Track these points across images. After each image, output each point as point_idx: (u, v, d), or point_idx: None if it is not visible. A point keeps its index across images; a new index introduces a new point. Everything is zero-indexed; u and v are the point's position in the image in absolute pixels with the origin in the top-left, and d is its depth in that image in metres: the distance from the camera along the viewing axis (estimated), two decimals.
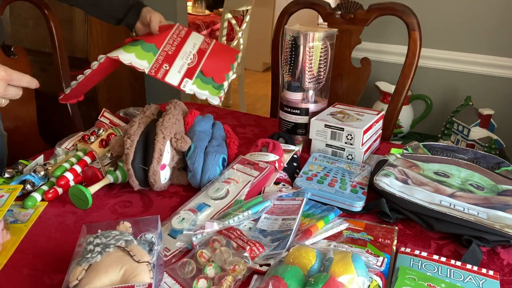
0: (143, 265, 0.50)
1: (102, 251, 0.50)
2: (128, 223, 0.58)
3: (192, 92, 0.85)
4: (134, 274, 0.48)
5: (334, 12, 1.26)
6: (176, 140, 0.75)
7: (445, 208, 0.67)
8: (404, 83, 1.20)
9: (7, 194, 0.67)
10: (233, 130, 0.90)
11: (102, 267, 0.49)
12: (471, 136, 1.53)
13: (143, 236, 0.56)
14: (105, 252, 0.50)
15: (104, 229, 0.54)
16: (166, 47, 0.88)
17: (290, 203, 0.69)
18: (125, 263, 0.50)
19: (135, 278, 0.48)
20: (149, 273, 0.49)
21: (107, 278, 0.48)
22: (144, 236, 0.56)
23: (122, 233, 0.54)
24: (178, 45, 0.91)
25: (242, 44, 3.17)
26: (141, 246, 0.53)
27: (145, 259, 0.51)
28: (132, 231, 0.57)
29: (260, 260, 0.56)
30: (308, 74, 0.95)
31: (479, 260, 0.60)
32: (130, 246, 0.52)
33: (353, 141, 0.87)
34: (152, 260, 0.51)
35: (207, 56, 0.93)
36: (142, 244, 0.54)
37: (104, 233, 0.53)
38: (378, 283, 0.53)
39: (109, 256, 0.50)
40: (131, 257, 0.50)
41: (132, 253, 0.51)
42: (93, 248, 0.50)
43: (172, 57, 0.87)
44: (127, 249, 0.51)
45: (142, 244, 0.54)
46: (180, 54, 0.89)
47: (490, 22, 1.65)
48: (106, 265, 0.49)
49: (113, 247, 0.51)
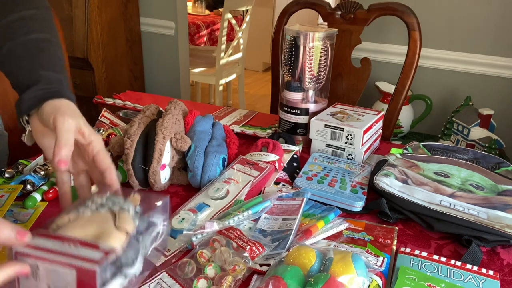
0: (121, 233, 0.47)
1: (95, 210, 0.48)
2: (138, 196, 0.54)
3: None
4: (107, 238, 0.46)
5: (334, 12, 1.26)
6: (176, 140, 0.75)
7: (445, 208, 0.67)
8: (404, 83, 1.20)
9: (7, 194, 0.67)
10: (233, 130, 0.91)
11: (82, 222, 0.47)
12: (471, 136, 1.53)
13: (150, 215, 0.52)
14: (96, 211, 0.48)
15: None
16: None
17: (290, 203, 0.69)
18: (105, 225, 0.47)
19: (105, 241, 0.45)
20: (124, 242, 0.46)
21: (80, 231, 0.46)
22: (150, 215, 0.51)
23: (127, 202, 0.51)
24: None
25: (242, 44, 3.17)
26: (135, 219, 0.49)
27: (126, 228, 0.47)
28: (138, 204, 0.53)
29: (260, 260, 0.56)
30: (308, 74, 0.95)
31: (479, 260, 0.60)
32: (122, 214, 0.49)
33: (353, 141, 0.87)
34: (132, 232, 0.48)
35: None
36: (140, 219, 0.50)
37: (110, 196, 0.51)
38: (378, 283, 0.53)
39: (96, 215, 0.48)
40: (113, 222, 0.48)
41: (117, 218, 0.48)
42: (89, 205, 0.49)
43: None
44: (116, 214, 0.49)
45: (140, 219, 0.50)
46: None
47: (490, 22, 1.65)
48: (87, 221, 0.47)
49: (106, 209, 0.49)
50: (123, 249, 0.46)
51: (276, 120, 1.12)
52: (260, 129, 1.03)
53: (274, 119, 1.13)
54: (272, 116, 1.17)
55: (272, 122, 1.10)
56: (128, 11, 2.28)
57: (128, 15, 2.29)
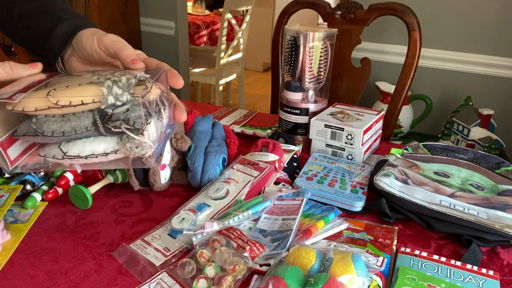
0: (99, 86, 0.45)
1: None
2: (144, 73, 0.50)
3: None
4: (82, 88, 0.45)
5: (334, 12, 1.27)
6: (176, 140, 0.75)
7: (445, 208, 0.67)
8: (404, 83, 1.20)
9: (7, 194, 0.67)
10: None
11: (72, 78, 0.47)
12: (471, 136, 1.53)
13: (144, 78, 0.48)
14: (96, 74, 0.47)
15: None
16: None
17: (290, 203, 0.69)
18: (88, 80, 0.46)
19: (79, 91, 0.44)
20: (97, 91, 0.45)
21: (71, 82, 0.46)
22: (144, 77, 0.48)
23: (133, 74, 0.48)
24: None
25: (242, 44, 3.17)
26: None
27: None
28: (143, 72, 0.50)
29: (260, 260, 0.56)
30: (308, 74, 0.95)
31: (479, 260, 0.60)
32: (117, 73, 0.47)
33: (353, 141, 0.87)
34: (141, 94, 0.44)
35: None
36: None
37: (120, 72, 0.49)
38: (378, 283, 0.53)
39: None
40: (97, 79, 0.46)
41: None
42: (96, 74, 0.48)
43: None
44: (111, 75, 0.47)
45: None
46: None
47: (490, 22, 1.65)
48: (76, 78, 0.47)
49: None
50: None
51: (276, 120, 1.12)
52: (260, 129, 1.03)
53: (274, 119, 1.13)
54: (272, 116, 1.17)
55: (272, 122, 1.10)
56: (128, 11, 2.28)
57: (128, 15, 2.29)
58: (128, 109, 0.45)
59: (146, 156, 0.47)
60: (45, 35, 0.60)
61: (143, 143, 0.45)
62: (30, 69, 0.50)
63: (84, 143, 0.47)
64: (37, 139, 0.46)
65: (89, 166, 0.49)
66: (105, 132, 0.46)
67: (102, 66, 0.58)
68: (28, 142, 0.49)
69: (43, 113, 0.45)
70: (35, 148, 0.50)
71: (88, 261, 0.58)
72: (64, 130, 0.45)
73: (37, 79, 0.49)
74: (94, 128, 0.46)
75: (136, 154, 0.46)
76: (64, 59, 0.60)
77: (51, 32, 0.59)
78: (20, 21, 0.63)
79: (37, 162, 0.49)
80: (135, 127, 0.45)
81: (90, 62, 0.59)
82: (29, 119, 0.46)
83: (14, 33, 0.65)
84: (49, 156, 0.47)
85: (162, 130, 0.49)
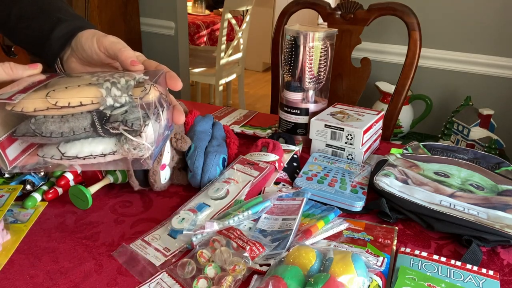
0: (98, 87, 0.45)
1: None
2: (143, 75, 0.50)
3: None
4: (80, 90, 0.45)
5: (334, 12, 1.27)
6: (176, 140, 0.76)
7: (445, 208, 0.67)
8: (404, 83, 1.20)
9: (7, 194, 0.67)
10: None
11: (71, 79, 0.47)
12: (471, 136, 1.53)
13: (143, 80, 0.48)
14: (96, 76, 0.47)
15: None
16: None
17: (290, 203, 0.69)
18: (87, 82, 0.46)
19: (78, 93, 0.44)
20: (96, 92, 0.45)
21: (70, 83, 0.46)
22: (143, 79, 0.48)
23: (132, 76, 0.48)
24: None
25: (242, 44, 3.17)
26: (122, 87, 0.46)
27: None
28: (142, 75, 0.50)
29: (260, 260, 0.56)
30: (308, 74, 0.95)
31: (479, 260, 0.60)
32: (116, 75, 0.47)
33: (353, 141, 0.87)
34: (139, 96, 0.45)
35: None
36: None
37: (119, 74, 0.49)
38: (378, 283, 0.53)
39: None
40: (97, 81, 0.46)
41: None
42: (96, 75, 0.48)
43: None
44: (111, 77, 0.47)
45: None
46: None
47: (490, 22, 1.65)
48: (75, 79, 0.47)
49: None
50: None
51: (276, 120, 1.12)
52: (260, 129, 1.03)
53: (274, 119, 1.13)
54: (272, 116, 1.17)
55: (272, 122, 1.10)
56: (128, 11, 2.28)
57: (128, 15, 2.29)
58: (127, 110, 0.45)
59: (144, 158, 0.47)
60: (45, 36, 0.60)
61: (141, 144, 0.46)
62: (30, 70, 0.51)
63: (82, 144, 0.47)
64: (36, 139, 0.47)
65: (88, 166, 0.49)
66: (103, 133, 0.46)
67: (101, 67, 0.58)
68: (27, 142, 0.50)
69: (42, 114, 0.45)
70: (34, 149, 0.51)
71: (88, 261, 0.58)
72: (63, 131, 0.45)
73: (37, 80, 0.49)
74: (92, 129, 0.46)
75: (134, 156, 0.47)
76: (63, 60, 0.61)
77: (51, 33, 0.59)
78: (20, 21, 0.63)
79: (36, 163, 0.49)
80: (133, 129, 0.45)
81: (89, 63, 0.59)
82: (28, 119, 0.46)
83: (13, 34, 0.65)
84: (47, 157, 0.48)
85: (160, 132, 0.49)
